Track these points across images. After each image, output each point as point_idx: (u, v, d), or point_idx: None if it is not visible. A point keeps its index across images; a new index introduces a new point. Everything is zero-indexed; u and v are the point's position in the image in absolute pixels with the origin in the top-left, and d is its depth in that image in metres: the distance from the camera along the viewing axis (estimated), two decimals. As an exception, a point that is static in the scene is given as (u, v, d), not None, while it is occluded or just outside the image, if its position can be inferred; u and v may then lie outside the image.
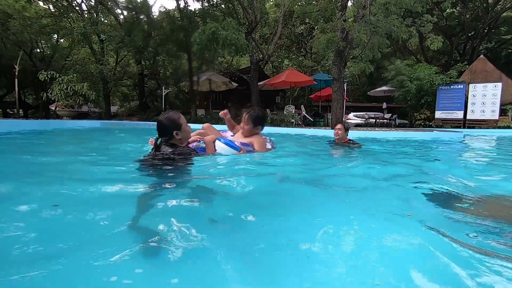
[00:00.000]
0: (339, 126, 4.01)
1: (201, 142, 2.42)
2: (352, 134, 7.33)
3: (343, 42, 8.81)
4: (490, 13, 16.83)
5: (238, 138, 2.71)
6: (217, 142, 2.39)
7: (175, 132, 2.12)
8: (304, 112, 13.53)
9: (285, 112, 12.49)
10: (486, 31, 17.89)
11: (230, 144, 2.38)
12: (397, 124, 14.00)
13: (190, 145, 2.38)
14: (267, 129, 2.91)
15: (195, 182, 1.77)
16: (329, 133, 6.25)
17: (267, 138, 2.90)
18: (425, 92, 13.32)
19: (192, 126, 2.43)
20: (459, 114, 12.60)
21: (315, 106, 18.78)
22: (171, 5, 39.92)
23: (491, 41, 19.95)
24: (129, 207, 1.28)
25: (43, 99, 12.28)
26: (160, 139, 2.16)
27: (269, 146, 2.81)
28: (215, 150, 2.38)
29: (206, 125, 2.93)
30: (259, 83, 13.78)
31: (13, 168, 2.18)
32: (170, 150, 2.09)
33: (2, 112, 17.37)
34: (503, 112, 12.80)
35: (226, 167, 2.15)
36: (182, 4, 13.65)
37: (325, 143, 4.42)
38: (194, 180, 1.82)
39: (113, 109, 18.13)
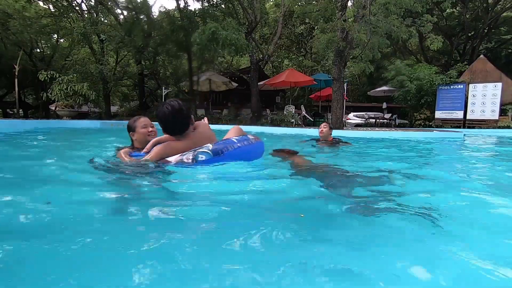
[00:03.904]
0: (324, 124, 4.22)
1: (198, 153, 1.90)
2: (353, 134, 7.36)
3: (343, 42, 8.81)
4: (490, 13, 16.83)
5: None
6: None
7: (130, 133, 2.26)
8: (304, 112, 13.54)
9: (285, 112, 12.50)
10: (486, 31, 17.90)
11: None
12: (397, 124, 14.01)
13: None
14: (267, 129, 2.49)
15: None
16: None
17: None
18: (425, 92, 13.33)
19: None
20: (459, 114, 12.61)
21: (315, 106, 18.79)
22: (171, 5, 40.00)
23: (491, 41, 19.97)
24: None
25: (43, 99, 12.29)
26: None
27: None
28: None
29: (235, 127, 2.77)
30: (259, 83, 13.79)
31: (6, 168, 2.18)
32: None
33: (2, 112, 17.39)
34: (503, 112, 12.81)
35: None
36: (182, 4, 13.67)
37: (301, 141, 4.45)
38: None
39: (113, 109, 18.13)
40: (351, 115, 15.42)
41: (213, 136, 2.17)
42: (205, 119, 2.41)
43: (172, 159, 1.91)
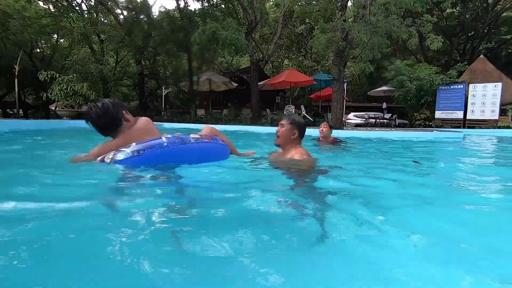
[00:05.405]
0: (324, 123, 4.13)
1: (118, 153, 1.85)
2: (352, 134, 7.36)
3: (343, 42, 8.81)
4: (490, 13, 16.83)
5: None
6: None
7: None
8: (304, 112, 13.53)
9: (285, 112, 12.50)
10: (486, 31, 17.89)
11: None
12: (397, 124, 14.00)
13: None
14: (267, 129, 2.42)
15: None
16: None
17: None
18: (425, 92, 13.32)
19: (192, 126, 2.39)
20: (459, 114, 12.60)
21: (315, 106, 18.78)
22: (171, 5, 39.97)
23: (491, 41, 19.94)
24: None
25: (43, 99, 12.27)
26: None
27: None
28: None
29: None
30: (259, 83, 13.79)
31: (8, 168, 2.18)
32: None
33: (2, 112, 17.38)
34: (503, 112, 12.80)
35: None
36: (182, 4, 13.67)
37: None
38: None
39: (113, 109, 18.10)
40: (351, 115, 15.39)
41: (152, 132, 2.07)
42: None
43: (100, 158, 1.87)
